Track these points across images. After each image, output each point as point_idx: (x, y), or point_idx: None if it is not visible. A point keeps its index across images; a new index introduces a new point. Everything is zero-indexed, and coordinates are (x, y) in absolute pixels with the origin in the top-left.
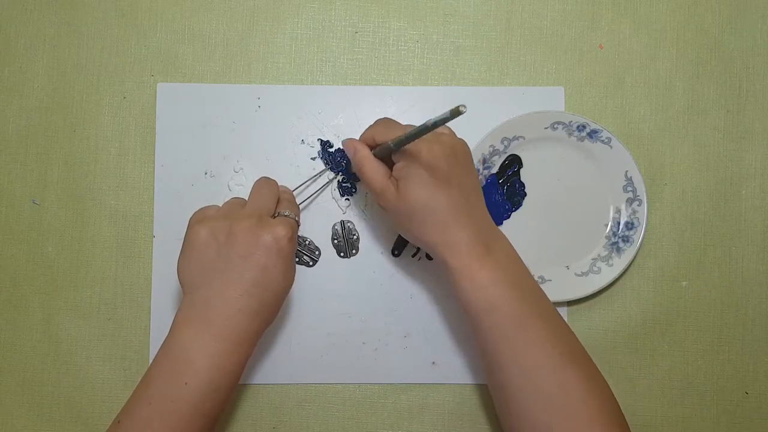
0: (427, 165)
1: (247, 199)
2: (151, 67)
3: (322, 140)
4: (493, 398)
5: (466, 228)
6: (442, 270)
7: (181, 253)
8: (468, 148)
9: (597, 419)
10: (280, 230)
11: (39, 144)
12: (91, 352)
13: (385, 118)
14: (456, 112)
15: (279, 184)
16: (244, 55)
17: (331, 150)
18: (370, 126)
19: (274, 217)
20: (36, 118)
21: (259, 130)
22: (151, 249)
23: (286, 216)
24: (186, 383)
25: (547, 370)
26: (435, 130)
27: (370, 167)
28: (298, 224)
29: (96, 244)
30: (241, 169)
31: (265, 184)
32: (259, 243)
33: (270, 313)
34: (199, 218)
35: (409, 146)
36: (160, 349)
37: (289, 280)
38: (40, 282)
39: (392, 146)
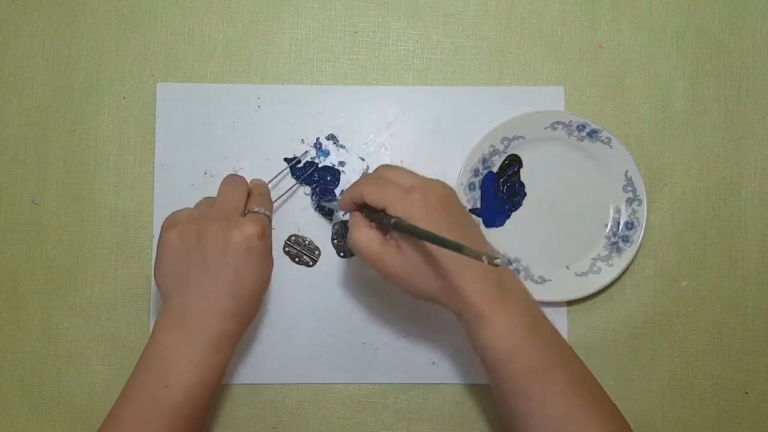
0: (427, 216)
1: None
2: (150, 67)
3: (287, 159)
4: None
5: (476, 270)
6: (461, 322)
7: (155, 259)
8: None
9: None
10: (249, 228)
11: (39, 144)
12: (91, 352)
13: (378, 169)
14: (490, 262)
15: (253, 177)
16: (244, 55)
17: (300, 166)
18: (359, 182)
19: (244, 214)
20: (36, 118)
21: (259, 130)
22: (151, 249)
23: (256, 212)
24: (166, 386)
25: (570, 419)
26: (427, 180)
27: (364, 237)
28: (269, 219)
29: (96, 244)
30: (241, 168)
31: (232, 181)
32: (229, 243)
33: (248, 314)
34: (169, 224)
35: (405, 198)
36: (141, 354)
37: (265, 277)
38: (40, 282)
39: (392, 226)
